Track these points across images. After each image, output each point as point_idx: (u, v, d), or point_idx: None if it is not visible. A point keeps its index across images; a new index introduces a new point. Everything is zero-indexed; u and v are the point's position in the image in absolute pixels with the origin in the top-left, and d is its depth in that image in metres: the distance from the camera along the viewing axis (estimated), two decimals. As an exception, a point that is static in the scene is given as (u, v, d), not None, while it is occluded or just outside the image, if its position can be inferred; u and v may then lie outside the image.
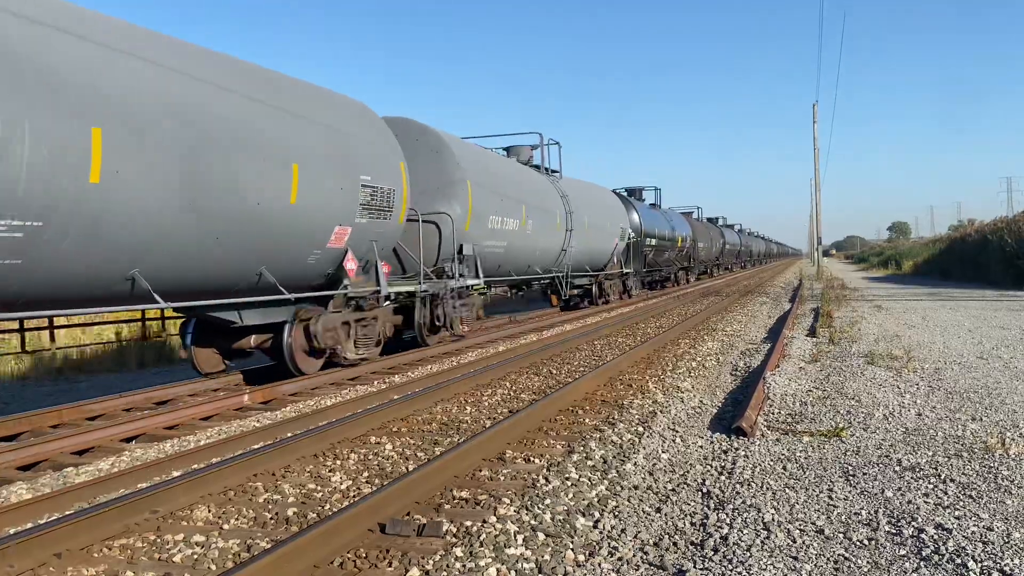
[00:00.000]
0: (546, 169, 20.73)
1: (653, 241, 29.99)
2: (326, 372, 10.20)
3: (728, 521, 4.28)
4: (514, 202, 15.93)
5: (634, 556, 3.88)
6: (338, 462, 6.00)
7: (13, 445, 6.70)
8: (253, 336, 9.73)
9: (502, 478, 5.37)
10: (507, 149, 19.87)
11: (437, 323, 12.93)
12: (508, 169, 17.13)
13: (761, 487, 4.87)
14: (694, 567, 3.69)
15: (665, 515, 4.47)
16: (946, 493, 4.63)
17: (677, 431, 6.52)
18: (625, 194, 29.94)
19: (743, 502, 4.59)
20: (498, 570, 3.73)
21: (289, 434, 6.83)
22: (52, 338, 14.30)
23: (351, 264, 10.21)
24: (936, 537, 3.92)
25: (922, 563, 3.64)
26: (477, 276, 13.78)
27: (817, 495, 4.68)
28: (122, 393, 9.08)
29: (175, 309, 8.67)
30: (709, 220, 53.91)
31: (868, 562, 3.67)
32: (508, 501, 4.77)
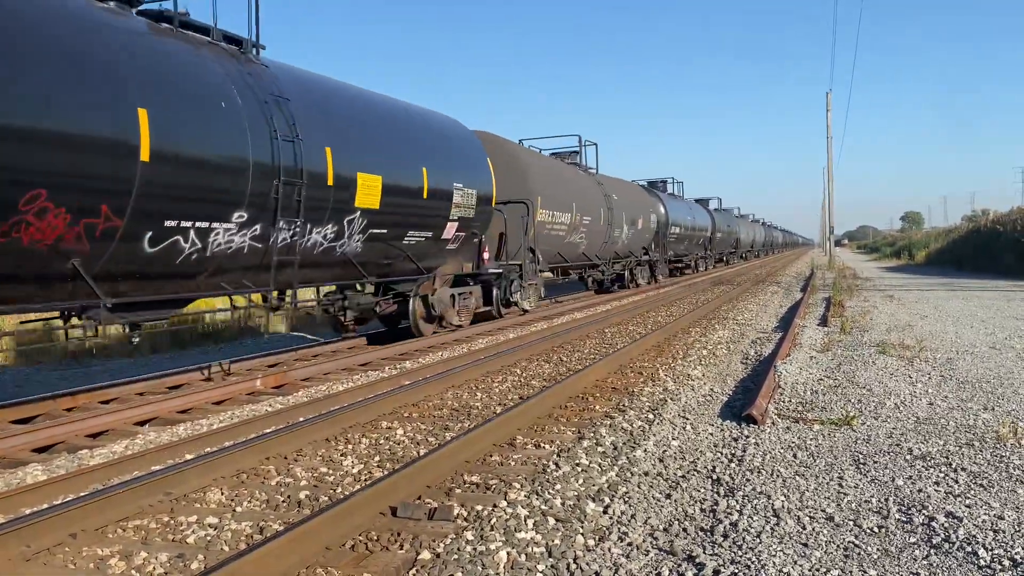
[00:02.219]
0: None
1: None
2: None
3: (738, 508, 4.29)
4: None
5: (644, 541, 3.90)
6: (350, 446, 6.03)
7: (28, 428, 6.77)
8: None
9: (512, 463, 5.39)
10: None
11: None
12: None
13: (771, 474, 4.87)
14: (704, 552, 3.71)
15: (675, 501, 4.48)
16: (957, 482, 4.62)
17: (687, 419, 6.53)
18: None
19: (753, 489, 4.60)
20: (508, 554, 3.75)
21: (301, 418, 6.87)
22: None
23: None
24: (947, 525, 3.92)
25: (932, 551, 3.64)
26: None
27: (827, 483, 4.69)
28: (136, 378, 9.15)
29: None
30: (651, 185, 32.87)
31: (878, 549, 3.68)
32: (519, 486, 4.79)
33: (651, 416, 6.61)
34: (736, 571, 3.47)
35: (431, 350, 11.77)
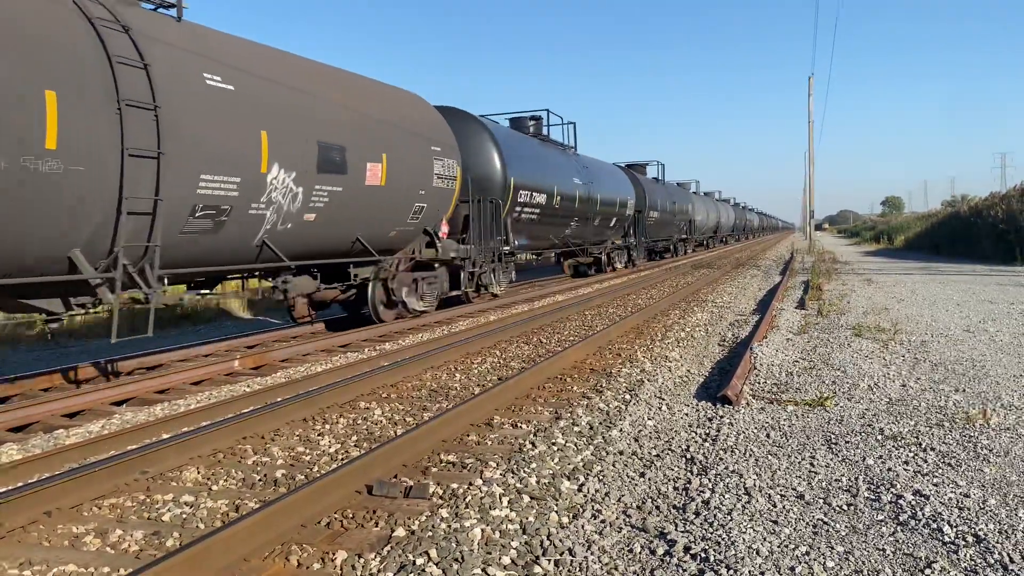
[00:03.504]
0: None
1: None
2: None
3: (710, 486, 4.35)
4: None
5: (617, 519, 3.95)
6: (327, 426, 6.05)
7: (4, 407, 6.72)
8: None
9: (489, 443, 5.43)
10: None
11: None
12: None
13: (744, 454, 4.93)
14: (675, 529, 3.76)
15: (649, 480, 4.53)
16: (926, 461, 4.70)
17: (664, 399, 6.58)
18: None
19: (726, 468, 4.66)
20: (483, 531, 3.79)
21: (279, 399, 6.87)
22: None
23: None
24: (914, 503, 3.99)
25: (899, 528, 3.71)
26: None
27: (799, 462, 4.75)
28: (113, 358, 9.10)
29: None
30: (513, 124, 19.62)
31: (846, 526, 3.74)
32: (495, 465, 4.83)
33: (628, 397, 6.67)
34: (707, 547, 3.52)
35: (411, 332, 11.77)
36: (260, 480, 4.78)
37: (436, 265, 13.41)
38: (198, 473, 4.93)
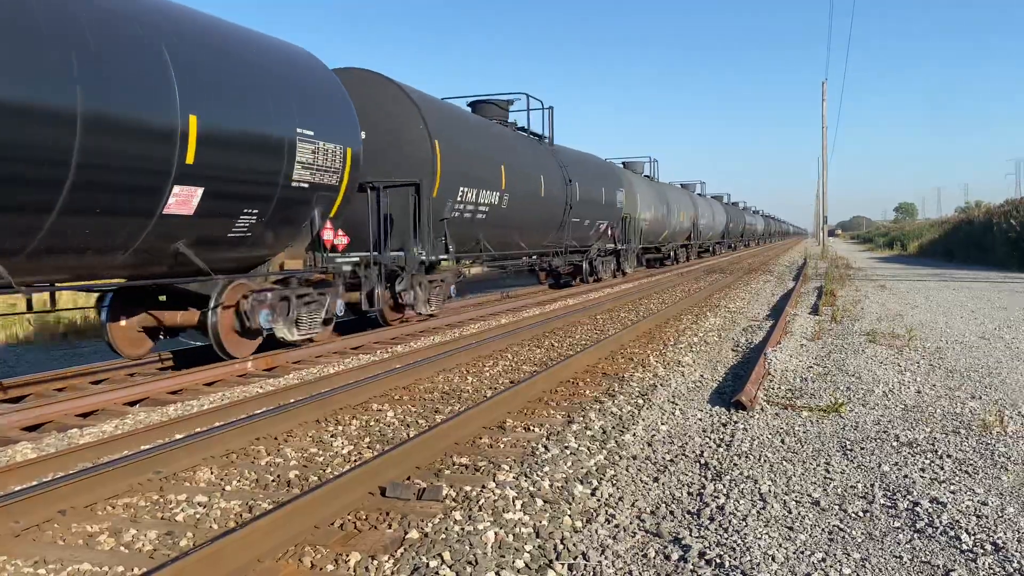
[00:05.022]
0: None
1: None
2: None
3: (725, 491, 4.32)
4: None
5: (631, 523, 3.93)
6: (340, 428, 6.05)
7: (18, 407, 6.76)
8: None
9: (502, 446, 5.42)
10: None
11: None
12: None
13: (759, 459, 4.91)
14: (690, 535, 3.73)
15: (663, 484, 4.51)
16: (942, 468, 4.66)
17: (677, 404, 6.56)
18: None
19: (740, 473, 4.63)
20: (496, 534, 3.78)
21: (292, 400, 6.87)
22: (53, 302, 14.18)
23: None
24: (931, 510, 3.96)
25: (916, 535, 3.68)
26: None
27: (814, 468, 4.72)
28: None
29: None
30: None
31: (862, 533, 3.71)
32: (507, 468, 4.81)
33: (640, 401, 6.64)
34: (722, 553, 3.50)
35: (423, 335, 11.78)
36: (273, 481, 4.78)
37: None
38: (211, 474, 4.94)
